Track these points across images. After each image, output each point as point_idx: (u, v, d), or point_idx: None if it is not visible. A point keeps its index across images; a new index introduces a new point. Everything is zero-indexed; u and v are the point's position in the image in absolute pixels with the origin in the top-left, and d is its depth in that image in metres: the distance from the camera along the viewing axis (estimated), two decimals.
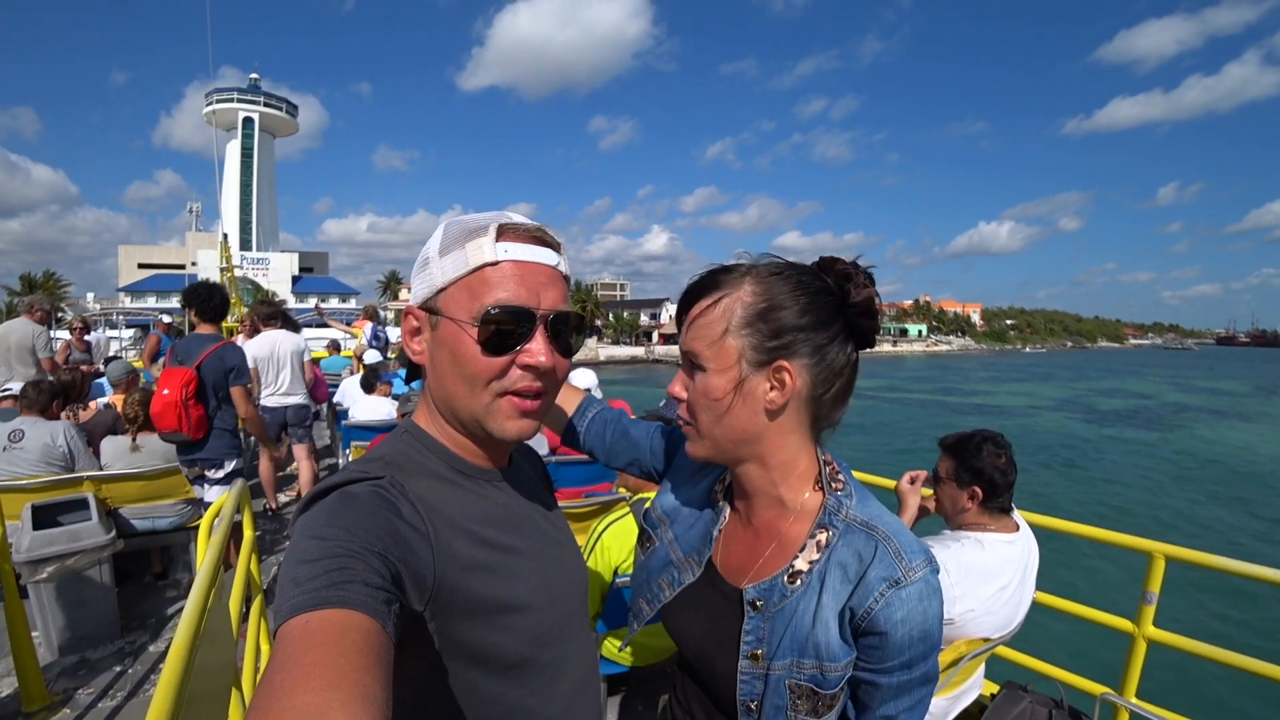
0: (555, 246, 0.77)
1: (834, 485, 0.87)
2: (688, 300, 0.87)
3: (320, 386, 5.95)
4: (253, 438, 5.06)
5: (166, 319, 8.37)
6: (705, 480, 1.03)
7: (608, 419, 1.20)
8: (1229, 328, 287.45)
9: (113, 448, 3.80)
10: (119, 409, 4.65)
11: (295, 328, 5.45)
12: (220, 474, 3.68)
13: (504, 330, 0.72)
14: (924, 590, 0.78)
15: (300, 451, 5.16)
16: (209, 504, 3.67)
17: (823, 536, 0.83)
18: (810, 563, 0.83)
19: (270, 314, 5.17)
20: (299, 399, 5.04)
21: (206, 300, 3.63)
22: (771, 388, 0.82)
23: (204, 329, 3.70)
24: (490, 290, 0.72)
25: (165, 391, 3.39)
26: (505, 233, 0.74)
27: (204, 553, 2.09)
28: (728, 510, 0.97)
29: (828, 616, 0.80)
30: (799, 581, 0.83)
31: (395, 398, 5.29)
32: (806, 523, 0.85)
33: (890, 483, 3.04)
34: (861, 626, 0.78)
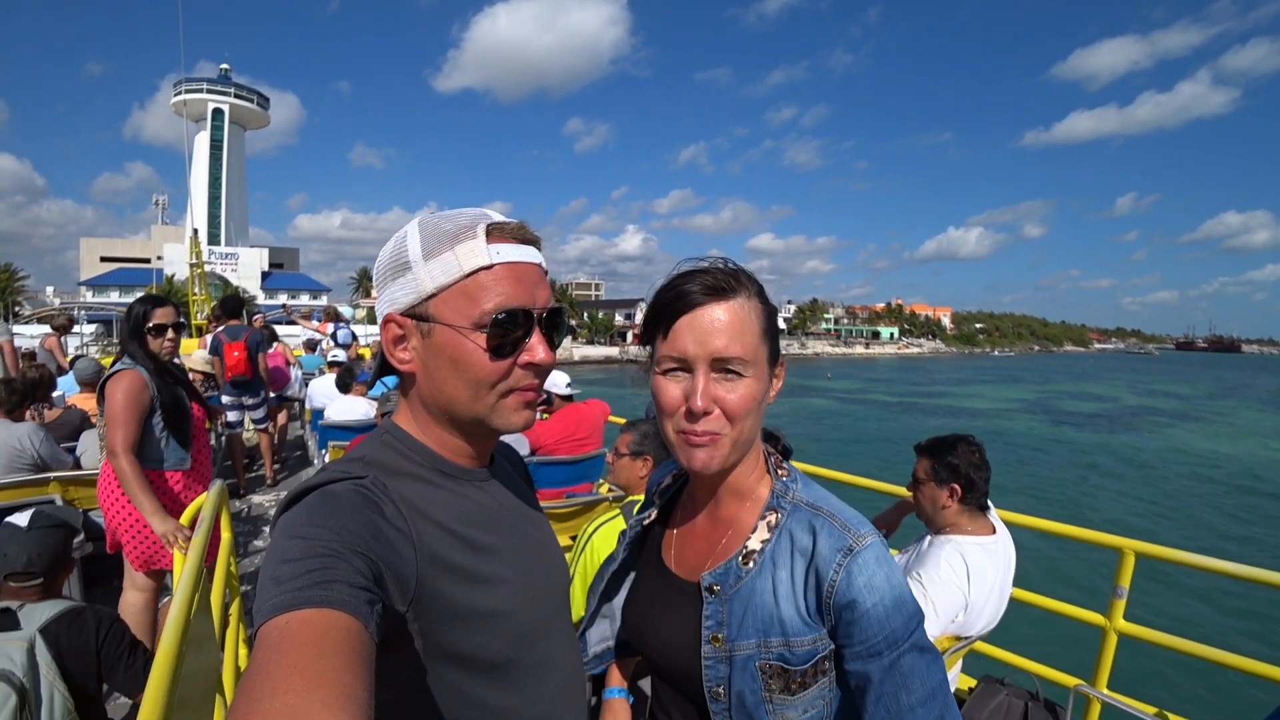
0: (537, 243, 0.77)
1: (780, 472, 0.92)
2: (695, 303, 0.81)
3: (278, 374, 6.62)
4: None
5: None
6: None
7: None
8: (1188, 333, 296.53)
9: (97, 445, 3.65)
10: (85, 408, 4.52)
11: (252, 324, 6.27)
12: (259, 400, 5.71)
13: (508, 334, 0.73)
14: (879, 554, 0.80)
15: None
16: (253, 418, 5.72)
17: (772, 518, 0.87)
18: (762, 542, 0.86)
19: (233, 310, 5.89)
20: None
21: (235, 306, 6.03)
22: (772, 387, 0.89)
23: (235, 322, 5.76)
24: (490, 295, 0.71)
25: (237, 353, 5.46)
26: (493, 233, 0.73)
27: (181, 555, 2.04)
28: (656, 506, 1.04)
29: (785, 593, 0.83)
30: (752, 562, 0.85)
31: (373, 398, 5.22)
32: (758, 507, 0.89)
33: (869, 482, 3.10)
34: (830, 602, 0.80)
